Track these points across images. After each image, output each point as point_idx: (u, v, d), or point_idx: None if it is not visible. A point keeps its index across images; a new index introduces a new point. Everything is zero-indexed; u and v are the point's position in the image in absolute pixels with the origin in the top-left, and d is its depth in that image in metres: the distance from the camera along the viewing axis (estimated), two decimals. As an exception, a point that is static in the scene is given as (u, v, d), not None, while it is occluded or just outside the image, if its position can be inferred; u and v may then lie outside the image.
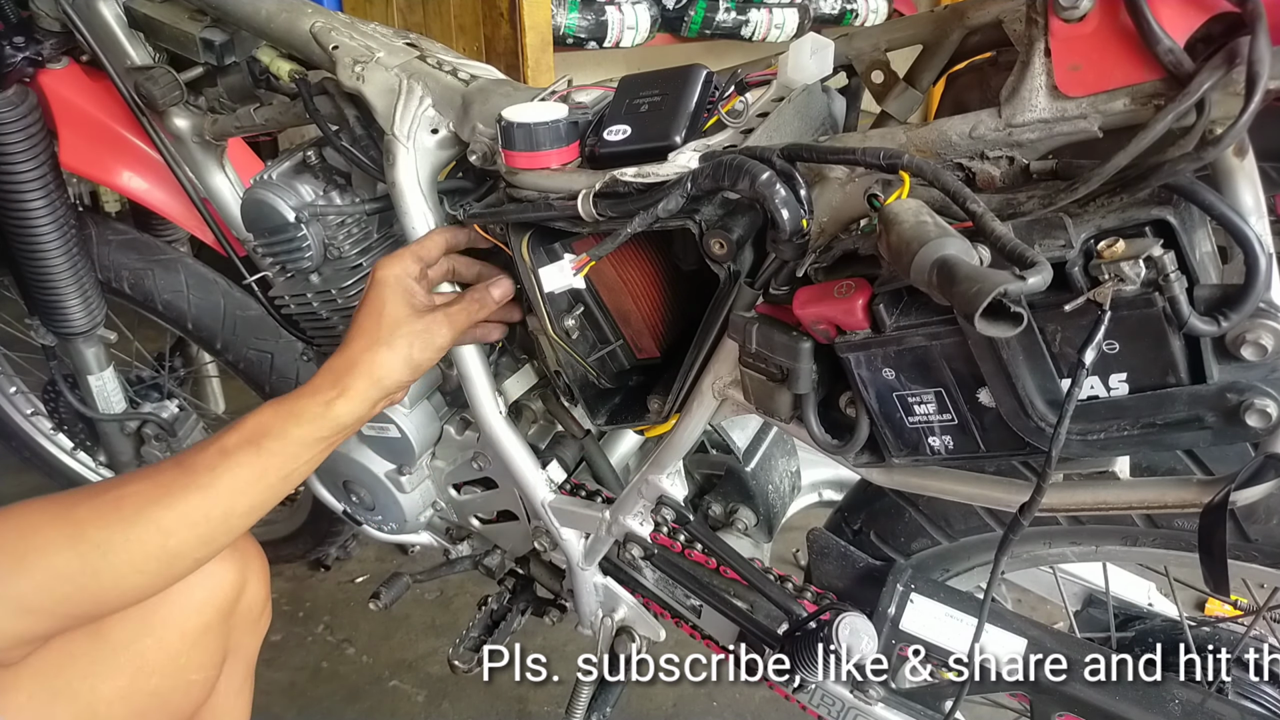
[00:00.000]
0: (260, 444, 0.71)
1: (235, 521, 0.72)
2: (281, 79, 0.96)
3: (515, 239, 0.80)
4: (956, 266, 0.48)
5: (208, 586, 0.83)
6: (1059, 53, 0.56)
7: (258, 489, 0.72)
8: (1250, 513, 0.77)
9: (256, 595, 0.90)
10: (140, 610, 0.76)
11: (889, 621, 0.89)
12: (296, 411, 0.73)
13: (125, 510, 0.67)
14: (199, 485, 0.69)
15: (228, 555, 0.85)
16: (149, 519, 0.67)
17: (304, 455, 0.74)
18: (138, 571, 0.68)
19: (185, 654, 0.81)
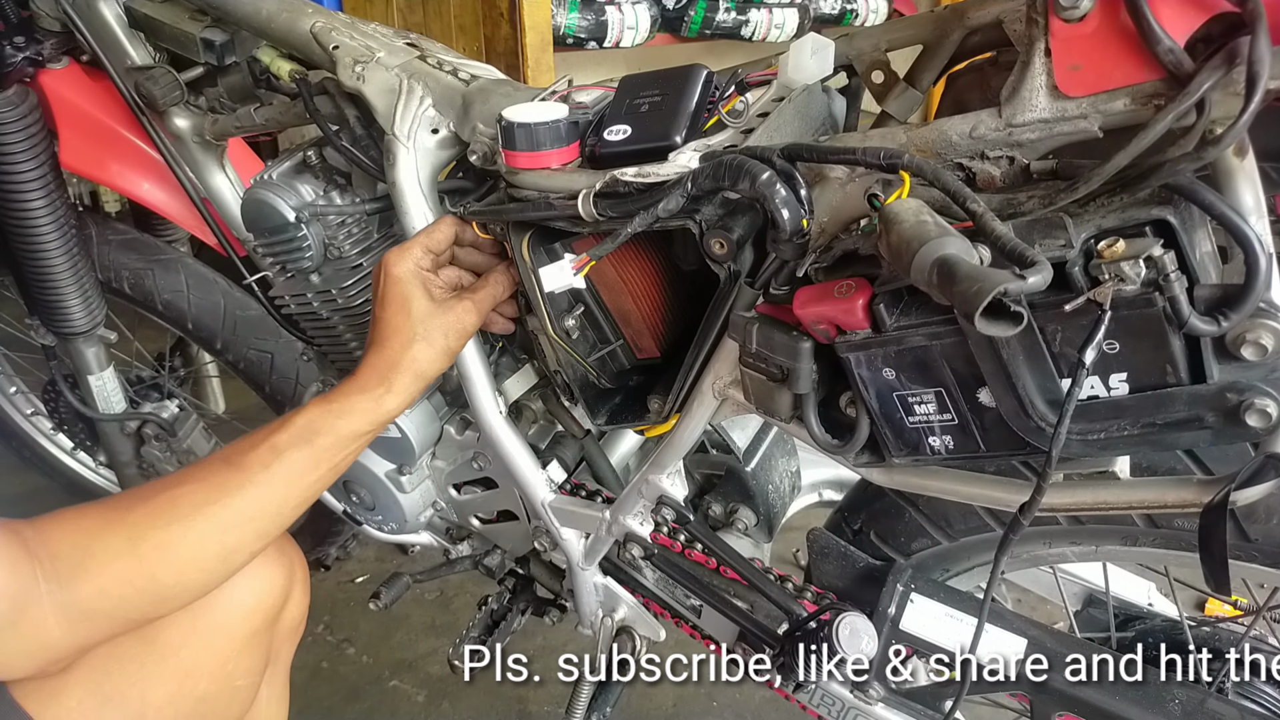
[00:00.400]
0: (312, 441, 0.74)
1: (287, 514, 0.75)
2: (282, 79, 0.96)
3: (515, 239, 0.80)
4: (956, 265, 0.48)
5: (257, 592, 0.84)
6: (1059, 53, 0.56)
7: (308, 482, 0.75)
8: (1250, 513, 0.77)
9: (300, 604, 0.91)
10: (189, 615, 0.77)
11: (889, 621, 0.89)
12: (347, 409, 0.76)
13: (182, 509, 0.69)
14: (254, 482, 0.72)
15: (275, 562, 0.86)
16: (207, 517, 0.70)
17: (351, 448, 0.78)
18: (197, 569, 0.71)
19: (233, 660, 0.81)
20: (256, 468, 0.72)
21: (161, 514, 0.69)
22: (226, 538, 0.71)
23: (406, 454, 1.03)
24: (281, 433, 0.74)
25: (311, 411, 0.75)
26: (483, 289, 0.83)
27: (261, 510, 0.73)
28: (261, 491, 0.72)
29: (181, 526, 0.69)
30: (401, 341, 0.77)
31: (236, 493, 0.71)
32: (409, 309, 0.77)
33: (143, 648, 0.76)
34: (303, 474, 0.74)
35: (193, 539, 0.70)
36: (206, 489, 0.71)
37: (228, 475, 0.72)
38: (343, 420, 0.76)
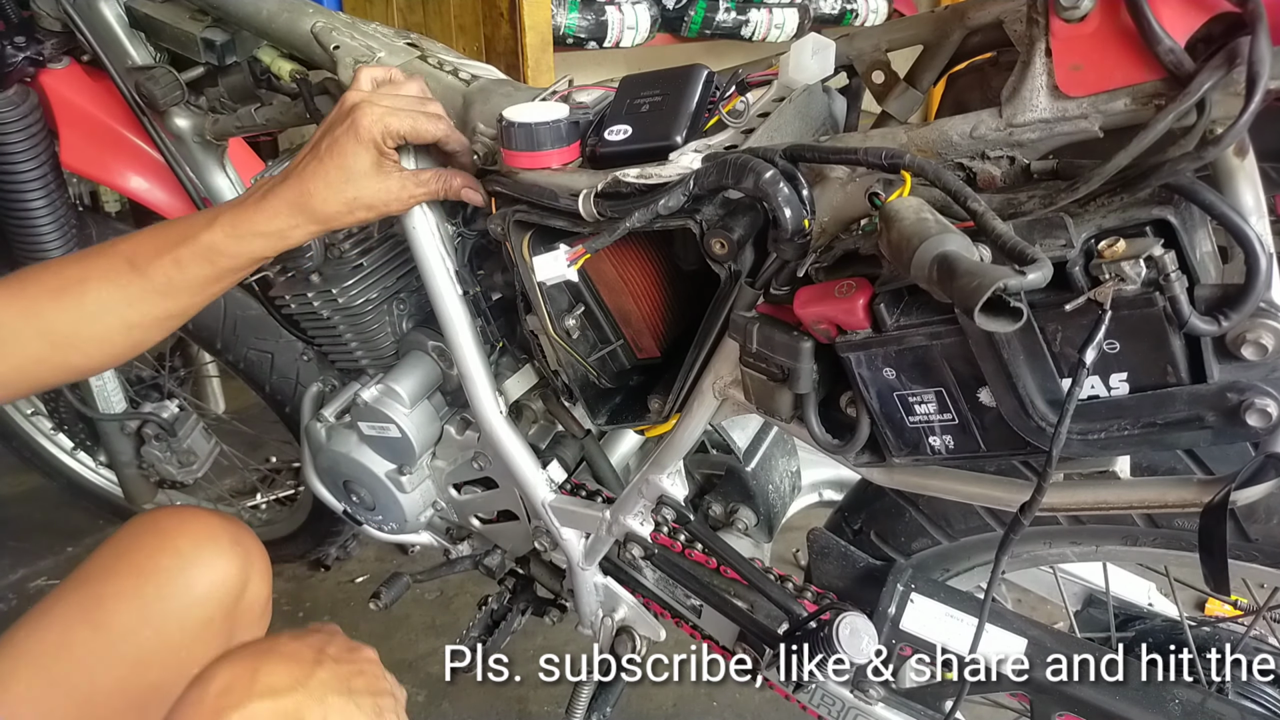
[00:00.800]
0: (215, 261, 0.77)
1: (189, 314, 0.81)
2: (282, 79, 0.96)
3: (516, 239, 0.80)
4: (956, 262, 0.48)
5: (209, 581, 0.84)
6: (1060, 53, 0.56)
7: (207, 293, 0.80)
8: (1250, 512, 0.77)
9: (259, 593, 0.91)
10: (140, 602, 0.79)
11: (889, 621, 0.89)
12: (254, 234, 0.78)
13: (89, 308, 0.76)
14: (156, 290, 0.77)
15: (229, 551, 0.86)
16: (116, 316, 0.77)
17: (251, 268, 0.81)
18: (105, 356, 0.80)
19: (186, 648, 0.81)
20: (160, 278, 0.77)
21: (69, 308, 0.75)
22: (132, 334, 0.78)
23: (407, 454, 1.03)
24: (185, 248, 0.77)
25: (218, 232, 0.77)
26: (428, 183, 0.80)
27: (164, 314, 0.79)
28: (163, 301, 0.77)
29: (90, 323, 0.76)
30: (326, 191, 0.76)
31: (139, 301, 0.77)
32: (353, 170, 0.76)
33: (92, 634, 0.77)
34: (202, 287, 0.79)
35: (100, 333, 0.77)
36: (112, 290, 0.76)
37: (131, 280, 0.76)
38: (246, 244, 0.78)
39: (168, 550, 0.83)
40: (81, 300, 0.75)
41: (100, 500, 1.73)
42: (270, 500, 1.75)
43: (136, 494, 1.48)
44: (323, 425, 1.09)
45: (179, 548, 0.84)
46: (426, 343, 1.00)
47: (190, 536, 0.85)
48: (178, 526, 0.86)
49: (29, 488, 1.86)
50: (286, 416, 1.39)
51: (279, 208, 0.77)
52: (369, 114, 0.75)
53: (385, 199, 0.79)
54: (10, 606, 1.68)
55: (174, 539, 0.84)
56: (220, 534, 0.87)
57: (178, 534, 0.85)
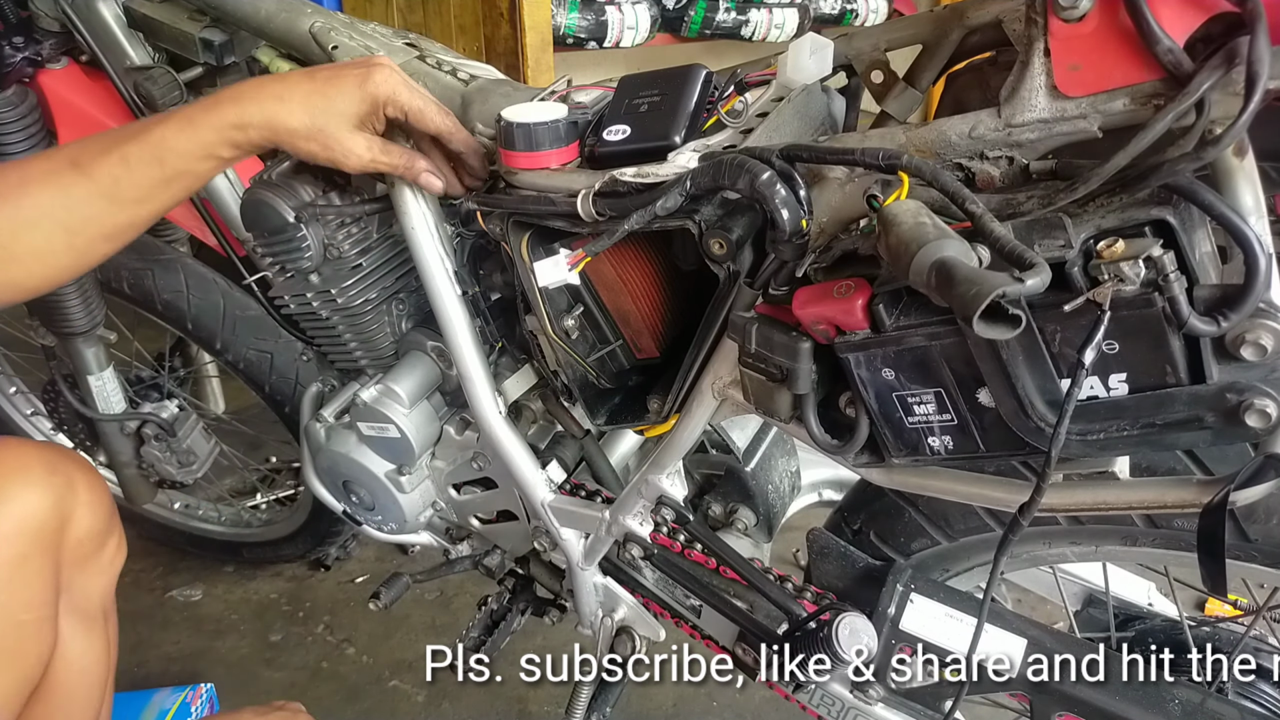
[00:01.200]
0: (164, 161, 0.72)
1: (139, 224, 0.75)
2: (281, 79, 0.96)
3: (515, 239, 0.80)
4: (955, 268, 0.48)
5: (14, 516, 0.77)
6: (1058, 53, 0.56)
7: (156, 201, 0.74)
8: (1250, 513, 0.77)
9: (89, 525, 0.84)
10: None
11: (889, 621, 0.89)
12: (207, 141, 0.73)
13: (27, 213, 0.70)
14: (102, 194, 0.71)
15: (45, 482, 0.80)
16: (54, 222, 0.71)
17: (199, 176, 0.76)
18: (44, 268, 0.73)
19: (5, 590, 0.75)
20: (105, 179, 0.71)
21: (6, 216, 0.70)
22: (74, 241, 0.72)
23: (406, 454, 1.03)
24: (133, 144, 0.72)
25: (170, 125, 0.73)
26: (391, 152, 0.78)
27: (111, 219, 0.73)
28: (108, 204, 0.72)
29: (28, 232, 0.70)
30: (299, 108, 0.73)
31: (81, 203, 0.71)
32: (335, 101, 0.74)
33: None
34: (150, 192, 0.73)
35: (39, 240, 0.71)
36: (52, 193, 0.71)
37: (74, 180, 0.71)
38: (199, 137, 0.73)
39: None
40: (18, 205, 0.70)
41: (100, 500, 1.73)
42: (270, 500, 1.75)
43: (136, 494, 1.48)
44: (322, 425, 1.09)
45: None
46: (426, 343, 1.00)
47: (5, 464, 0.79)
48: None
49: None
50: (286, 416, 1.39)
51: (244, 98, 0.73)
52: (385, 74, 0.74)
53: (344, 149, 0.75)
54: (10, 606, 1.68)
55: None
56: (33, 463, 0.80)
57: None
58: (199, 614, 1.68)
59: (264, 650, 1.61)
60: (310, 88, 0.73)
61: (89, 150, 0.72)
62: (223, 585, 1.75)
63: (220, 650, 1.60)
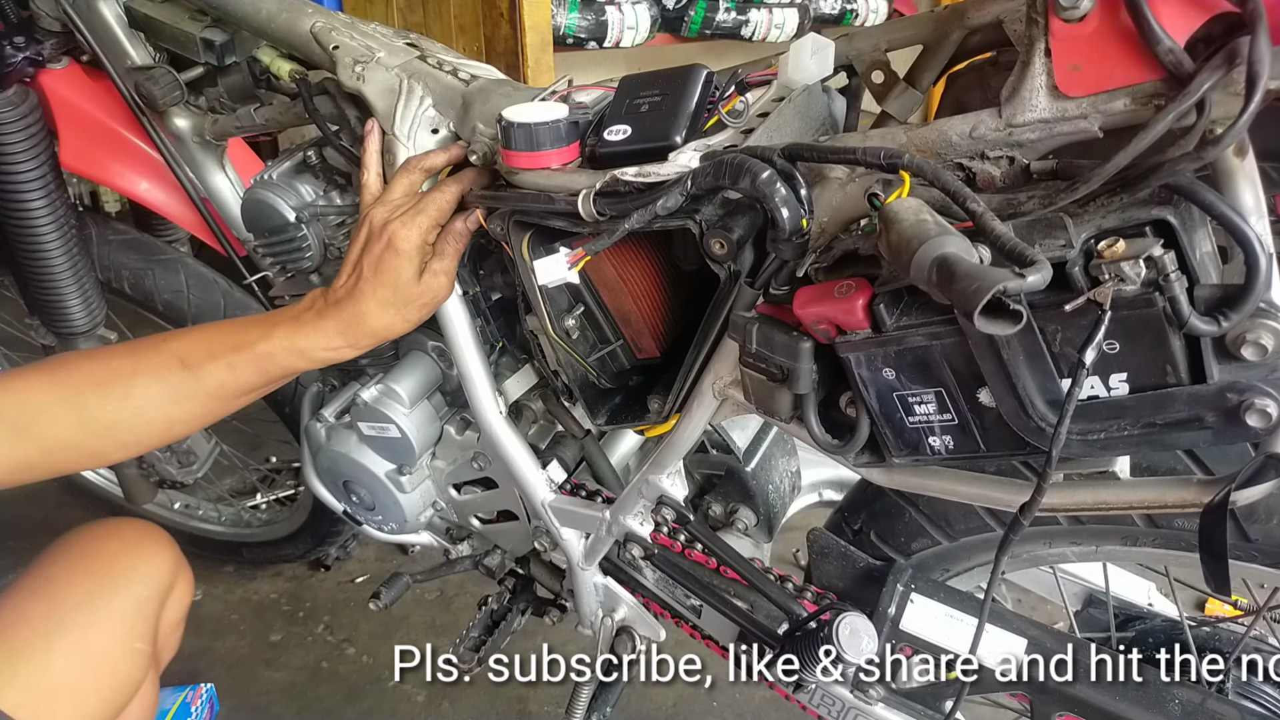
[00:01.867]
0: (268, 370, 0.80)
1: (226, 414, 0.84)
2: (282, 79, 0.96)
3: (516, 239, 0.80)
4: (956, 264, 0.48)
5: (152, 562, 0.92)
6: (1059, 53, 0.56)
7: (253, 396, 0.83)
8: (1250, 513, 0.77)
9: (182, 598, 0.97)
10: (89, 577, 0.86)
11: (889, 621, 0.89)
12: (307, 351, 0.80)
13: (135, 402, 0.77)
14: (208, 394, 0.79)
15: (167, 552, 0.94)
16: (159, 412, 0.78)
17: (293, 376, 0.84)
18: (137, 447, 0.82)
19: (129, 620, 0.87)
20: (213, 383, 0.79)
21: (115, 400, 0.77)
22: (173, 429, 0.81)
23: (406, 454, 1.03)
24: (240, 354, 0.79)
25: (274, 343, 0.79)
26: (447, 251, 0.82)
27: (210, 414, 0.81)
28: (211, 402, 0.80)
29: (132, 417, 0.77)
30: (378, 307, 0.79)
31: (187, 399, 0.79)
32: (397, 281, 0.79)
33: (47, 606, 0.83)
34: (250, 391, 0.82)
35: (141, 426, 0.78)
36: (161, 388, 0.78)
37: (182, 379, 0.78)
38: (300, 360, 0.81)
39: (115, 538, 0.91)
40: (128, 394, 0.77)
41: (100, 500, 1.73)
42: (270, 500, 1.75)
43: (136, 494, 1.48)
44: (322, 425, 1.09)
45: (124, 537, 0.92)
46: (426, 343, 1.00)
47: (135, 532, 0.94)
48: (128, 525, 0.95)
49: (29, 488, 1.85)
50: (286, 416, 1.39)
51: (335, 329, 0.80)
52: (402, 227, 0.78)
53: (433, 294, 0.81)
54: (10, 606, 1.68)
55: (121, 533, 0.93)
56: (160, 538, 0.95)
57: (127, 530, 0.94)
58: (199, 614, 1.68)
59: (264, 650, 1.61)
60: (370, 289, 0.79)
61: (196, 352, 0.79)
62: (223, 585, 1.75)
63: (220, 650, 1.60)
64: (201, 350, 0.79)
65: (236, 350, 0.79)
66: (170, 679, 1.49)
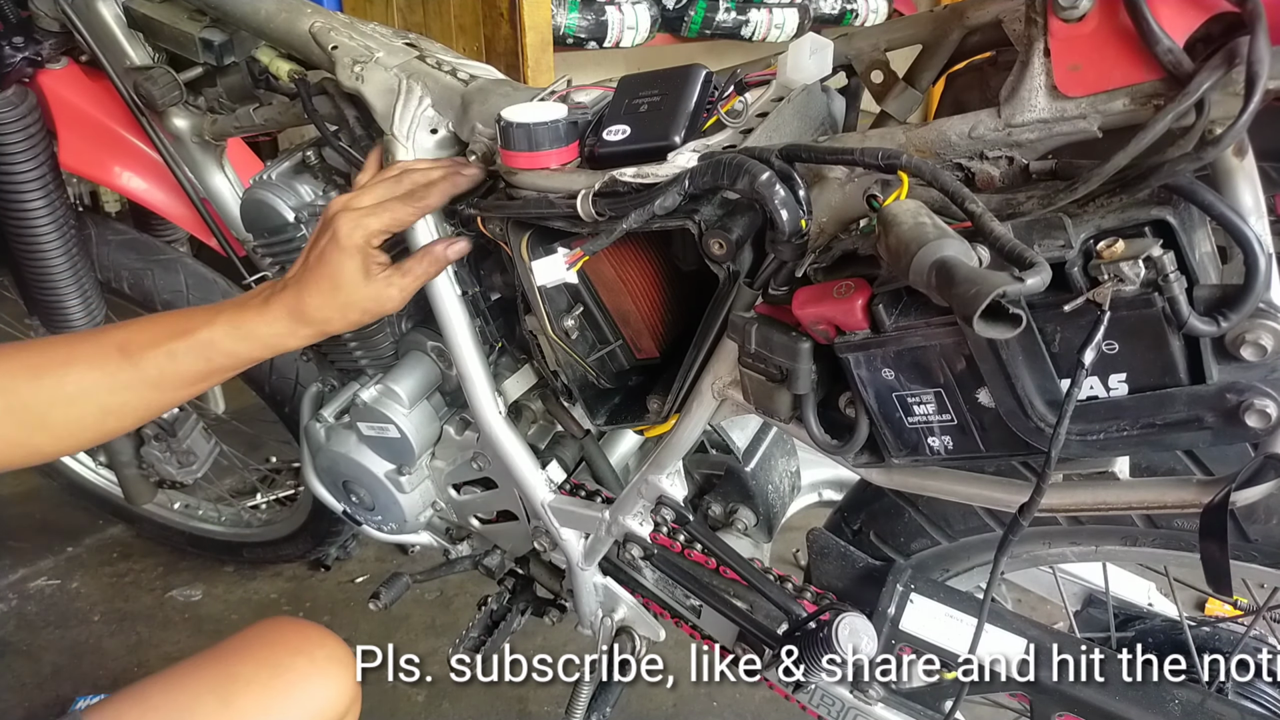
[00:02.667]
0: (210, 359, 0.78)
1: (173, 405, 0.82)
2: (281, 79, 0.96)
3: (515, 239, 0.80)
4: (955, 268, 0.48)
5: (329, 694, 0.85)
6: (1058, 53, 0.56)
7: (196, 387, 0.80)
8: (1250, 513, 0.77)
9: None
10: (267, 692, 0.81)
11: (889, 621, 0.89)
12: (250, 337, 0.79)
13: (69, 391, 0.74)
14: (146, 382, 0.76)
15: (350, 677, 0.88)
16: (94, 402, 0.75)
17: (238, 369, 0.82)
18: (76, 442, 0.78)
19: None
20: (152, 372, 0.76)
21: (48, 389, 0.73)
22: (107, 421, 0.77)
23: (406, 454, 1.03)
24: (182, 341, 0.76)
25: (217, 329, 0.77)
26: (414, 270, 0.81)
27: (148, 407, 0.78)
28: (150, 391, 0.76)
29: (65, 406, 0.74)
30: (318, 298, 0.78)
31: (124, 388, 0.75)
32: (337, 276, 0.78)
33: (219, 707, 0.78)
34: (192, 382, 0.79)
35: (74, 417, 0.75)
36: (97, 375, 0.74)
37: (120, 367, 0.75)
38: (243, 345, 0.78)
39: (303, 654, 0.85)
40: (62, 382, 0.74)
41: (100, 500, 1.73)
42: (270, 500, 1.75)
43: (136, 494, 1.48)
44: (322, 425, 1.09)
45: (314, 655, 0.86)
46: (426, 343, 1.00)
47: (326, 650, 0.87)
48: (319, 637, 0.89)
49: (29, 488, 1.86)
50: (286, 416, 1.39)
51: (279, 314, 0.78)
52: (346, 222, 0.77)
53: (378, 302, 0.80)
54: (10, 606, 1.68)
55: (311, 646, 0.87)
56: (349, 661, 0.89)
57: (317, 643, 0.87)
58: (199, 614, 1.68)
59: (264, 650, 1.61)
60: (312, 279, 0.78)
61: (136, 339, 0.76)
62: (223, 585, 1.75)
63: (220, 650, 1.60)
64: (142, 338, 0.76)
65: (178, 337, 0.76)
66: (170, 679, 1.49)
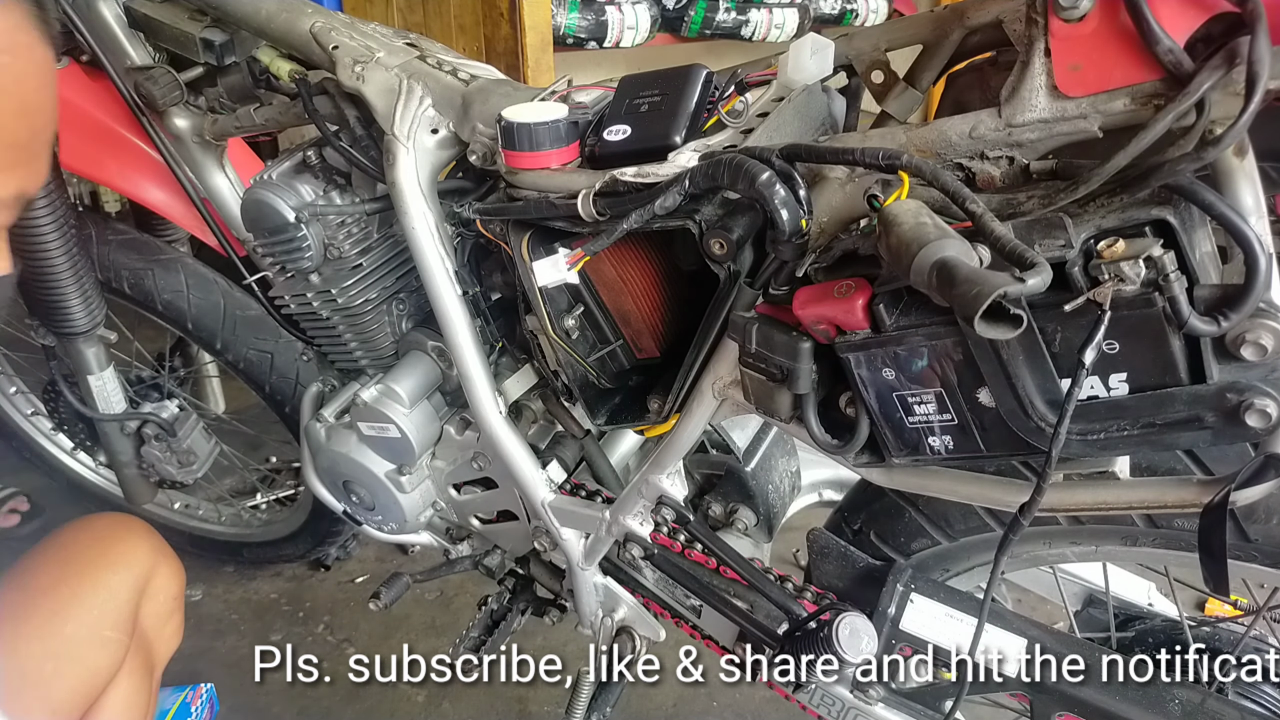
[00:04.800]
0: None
1: None
2: (281, 79, 0.96)
3: (515, 239, 0.80)
4: (956, 268, 0.48)
5: (123, 550, 0.92)
6: (1059, 53, 0.56)
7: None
8: (1250, 513, 0.77)
9: (165, 588, 0.96)
10: (58, 564, 0.88)
11: (889, 621, 0.89)
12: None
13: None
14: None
15: (144, 536, 0.95)
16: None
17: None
18: None
19: (98, 607, 0.87)
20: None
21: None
22: None
23: (406, 454, 1.03)
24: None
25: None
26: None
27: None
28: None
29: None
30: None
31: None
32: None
33: (16, 595, 0.84)
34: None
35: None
36: None
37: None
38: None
39: (87, 532, 0.93)
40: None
41: (100, 500, 1.73)
42: (270, 500, 1.75)
43: (136, 494, 1.48)
44: (322, 425, 1.09)
45: (97, 529, 0.94)
46: (426, 343, 1.00)
47: (110, 524, 0.95)
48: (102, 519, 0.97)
49: (29, 487, 1.86)
50: (286, 416, 1.39)
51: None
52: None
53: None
54: (10, 606, 1.68)
55: (95, 525, 0.94)
56: (136, 527, 0.96)
57: (99, 523, 0.95)
58: (199, 614, 1.68)
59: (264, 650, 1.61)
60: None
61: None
62: (223, 585, 1.75)
63: (220, 650, 1.60)
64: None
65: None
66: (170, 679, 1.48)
